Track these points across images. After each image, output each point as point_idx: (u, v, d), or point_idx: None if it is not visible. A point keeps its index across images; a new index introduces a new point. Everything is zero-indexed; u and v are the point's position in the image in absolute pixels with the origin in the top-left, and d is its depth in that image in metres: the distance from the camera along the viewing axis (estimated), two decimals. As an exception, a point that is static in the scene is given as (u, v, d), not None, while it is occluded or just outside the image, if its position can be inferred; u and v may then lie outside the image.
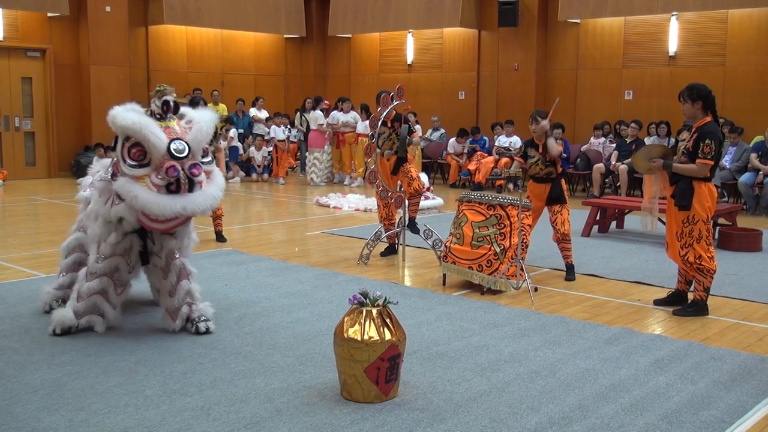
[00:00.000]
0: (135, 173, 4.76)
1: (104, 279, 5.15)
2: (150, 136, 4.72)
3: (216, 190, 5.01)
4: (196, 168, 4.82)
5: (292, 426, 3.77)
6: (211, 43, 17.71)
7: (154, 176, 4.74)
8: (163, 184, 4.73)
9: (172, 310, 5.26)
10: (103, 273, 5.14)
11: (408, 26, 17.19)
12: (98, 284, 5.14)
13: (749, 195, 11.56)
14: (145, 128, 4.72)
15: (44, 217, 11.07)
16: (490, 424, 3.83)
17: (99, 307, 5.20)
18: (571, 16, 15.10)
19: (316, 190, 14.10)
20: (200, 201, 4.85)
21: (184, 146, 4.81)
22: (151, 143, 4.72)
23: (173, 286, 5.26)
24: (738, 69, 13.66)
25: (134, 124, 4.72)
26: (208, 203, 4.91)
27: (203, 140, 4.98)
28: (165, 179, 4.72)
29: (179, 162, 4.77)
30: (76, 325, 5.16)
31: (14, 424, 3.78)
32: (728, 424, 3.90)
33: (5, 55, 14.93)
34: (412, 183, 7.90)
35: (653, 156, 5.97)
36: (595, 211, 9.65)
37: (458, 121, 16.35)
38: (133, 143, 4.78)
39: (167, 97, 4.96)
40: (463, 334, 5.31)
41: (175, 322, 5.25)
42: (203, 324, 5.25)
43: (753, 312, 6.11)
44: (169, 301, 5.27)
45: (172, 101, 4.97)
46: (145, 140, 4.73)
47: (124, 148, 4.80)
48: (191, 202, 4.80)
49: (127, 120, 4.73)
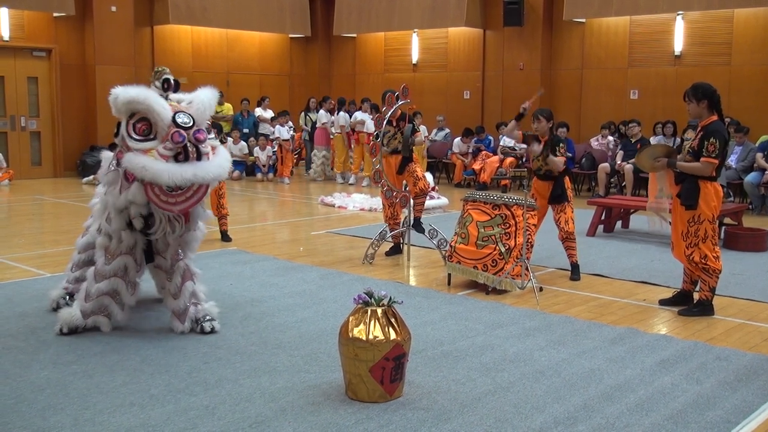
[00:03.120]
0: (142, 147, 4.73)
1: (114, 280, 5.14)
2: (155, 105, 4.73)
3: (223, 160, 4.98)
4: (200, 133, 4.79)
5: (297, 425, 3.77)
6: (216, 42, 17.73)
7: (161, 147, 4.72)
8: (171, 155, 4.71)
9: (179, 312, 5.26)
10: (113, 274, 5.13)
11: (413, 26, 17.18)
12: (107, 285, 5.14)
13: (755, 195, 11.52)
14: (149, 98, 4.74)
15: (50, 216, 11.10)
16: (495, 423, 3.83)
17: (107, 308, 5.19)
18: (576, 16, 15.08)
19: (320, 190, 14.10)
20: (210, 168, 4.82)
21: (189, 118, 4.81)
22: (156, 112, 4.72)
23: (178, 287, 5.26)
24: (743, 68, 13.62)
25: (139, 95, 4.75)
26: (218, 171, 4.88)
27: (206, 111, 4.97)
28: (172, 148, 4.70)
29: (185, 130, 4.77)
30: (83, 324, 5.17)
31: (20, 422, 3.79)
32: (734, 424, 3.89)
33: (11, 55, 14.96)
34: (418, 183, 7.90)
35: (657, 155, 5.96)
36: (601, 210, 9.63)
37: (463, 120, 16.34)
38: (138, 118, 4.78)
39: (166, 75, 5.00)
40: (468, 334, 5.31)
41: (183, 324, 5.25)
42: (208, 323, 5.25)
43: (759, 312, 6.09)
44: (175, 303, 5.27)
45: (172, 79, 5.01)
46: (151, 110, 4.72)
47: (129, 125, 4.80)
48: (201, 169, 4.76)
49: (131, 92, 4.77)
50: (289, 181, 15.47)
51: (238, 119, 16.47)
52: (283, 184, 15.20)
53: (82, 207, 11.65)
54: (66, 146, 15.67)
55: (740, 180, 11.77)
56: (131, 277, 5.24)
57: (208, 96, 5.06)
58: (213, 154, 4.94)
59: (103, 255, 5.17)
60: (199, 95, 5.05)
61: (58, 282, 6.09)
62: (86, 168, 15.26)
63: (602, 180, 13.15)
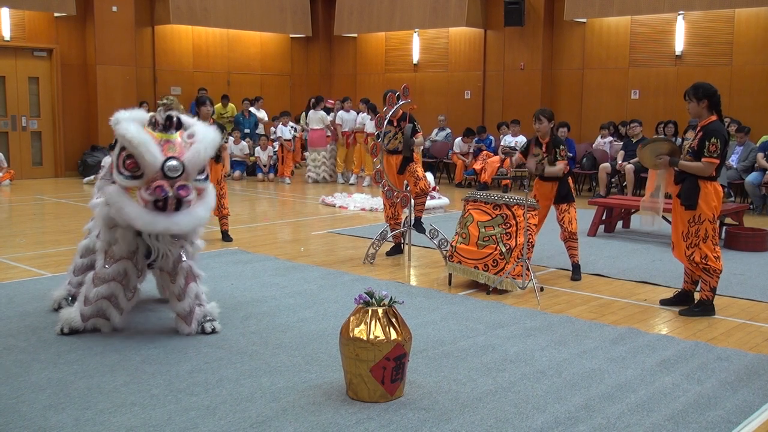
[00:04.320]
0: (126, 184, 4.80)
1: (113, 284, 5.13)
2: (146, 154, 4.74)
3: (203, 210, 5.02)
4: (184, 189, 4.83)
5: (298, 425, 3.77)
6: (217, 42, 17.74)
7: (144, 191, 4.77)
8: (152, 200, 4.76)
9: (185, 314, 5.26)
10: (112, 278, 5.13)
11: (414, 26, 17.18)
12: (106, 289, 5.13)
13: (756, 195, 11.52)
14: (141, 146, 4.73)
15: (51, 216, 11.10)
16: (495, 423, 3.83)
17: (105, 312, 5.18)
18: (577, 16, 15.07)
19: (322, 190, 14.11)
20: (184, 222, 4.88)
21: (179, 166, 4.81)
22: (145, 161, 4.75)
23: (182, 289, 5.25)
24: (745, 68, 13.62)
25: (133, 139, 4.74)
26: (192, 224, 4.96)
27: (200, 163, 4.97)
28: (153, 196, 4.75)
29: (170, 181, 4.78)
30: (82, 327, 5.17)
31: (21, 422, 3.79)
32: (735, 424, 3.89)
33: (12, 55, 14.97)
34: (418, 182, 7.91)
35: (661, 153, 5.94)
36: (601, 210, 9.63)
37: (464, 120, 16.34)
38: (129, 154, 4.81)
39: (172, 112, 4.96)
40: (469, 334, 5.31)
41: (190, 326, 5.24)
42: (209, 324, 5.26)
43: (760, 312, 6.09)
44: (179, 306, 5.26)
45: (176, 117, 4.97)
46: (140, 157, 4.75)
47: (120, 157, 4.83)
48: (174, 223, 4.84)
49: (127, 133, 4.76)
50: (290, 181, 15.47)
51: (239, 119, 16.47)
52: (284, 184, 15.21)
53: (83, 207, 11.65)
54: (67, 146, 15.68)
55: (741, 180, 11.77)
56: (131, 282, 5.23)
57: (207, 145, 5.01)
58: (198, 199, 4.95)
59: (103, 258, 5.17)
60: (201, 139, 4.99)
61: (59, 282, 6.10)
62: (87, 168, 15.27)
63: (603, 180, 13.14)
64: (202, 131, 5.04)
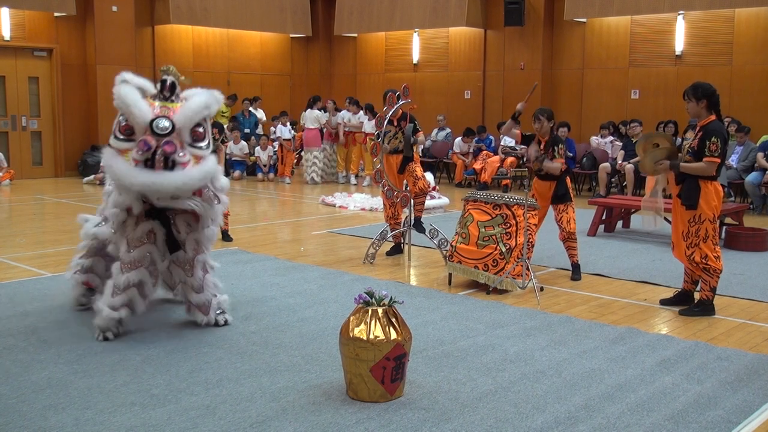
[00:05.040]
0: (119, 146, 4.83)
1: (141, 270, 5.09)
2: (133, 109, 4.76)
3: (197, 172, 4.86)
4: (169, 145, 4.74)
5: (298, 425, 3.78)
6: (217, 42, 17.74)
7: (134, 151, 4.75)
8: (142, 160, 4.72)
9: (202, 304, 5.29)
10: (139, 262, 5.07)
11: (414, 26, 17.18)
12: (136, 275, 5.07)
13: (756, 194, 11.52)
14: (131, 103, 4.75)
15: (51, 216, 11.10)
16: (495, 423, 3.83)
17: (132, 301, 5.13)
18: (577, 16, 15.07)
19: (321, 190, 14.11)
20: (171, 178, 4.75)
21: (168, 124, 4.78)
22: (133, 116, 4.76)
23: (200, 280, 5.26)
24: (745, 68, 13.62)
25: (122, 97, 4.78)
26: (179, 181, 4.78)
27: (190, 117, 4.89)
28: (143, 155, 4.71)
29: (158, 138, 4.74)
30: (118, 317, 5.05)
31: (21, 422, 3.79)
32: (735, 424, 3.89)
33: (12, 55, 14.97)
34: (418, 182, 7.91)
35: (659, 158, 5.94)
36: (601, 210, 9.63)
37: (464, 120, 16.34)
38: (125, 118, 4.85)
39: (166, 77, 4.98)
40: (469, 334, 5.31)
41: (208, 315, 5.29)
42: (221, 317, 5.33)
43: (760, 312, 6.09)
44: (198, 297, 5.28)
45: (170, 81, 4.98)
46: (129, 114, 4.77)
47: (117, 122, 4.88)
48: (160, 178, 4.72)
49: (120, 93, 4.80)
50: (290, 180, 15.47)
51: (239, 119, 16.47)
52: (284, 184, 15.21)
53: (83, 207, 11.64)
54: (67, 146, 15.68)
55: (741, 180, 11.77)
56: (156, 268, 5.20)
57: (200, 99, 4.99)
58: (193, 164, 4.87)
59: (126, 244, 5.11)
60: (192, 95, 5.02)
61: (63, 282, 6.09)
62: (87, 168, 15.28)
63: (603, 180, 13.14)
64: (190, 93, 5.05)
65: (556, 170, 6.93)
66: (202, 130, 5.00)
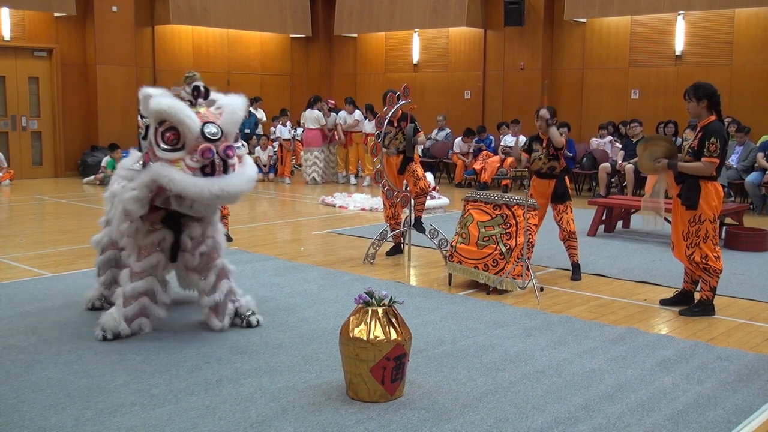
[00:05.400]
0: (169, 157, 4.70)
1: (149, 278, 5.07)
2: (185, 119, 4.68)
3: (251, 171, 4.95)
4: (230, 149, 4.78)
5: (298, 425, 3.77)
6: (217, 42, 17.74)
7: (189, 159, 4.69)
8: (198, 167, 4.68)
9: (216, 309, 5.27)
10: (147, 272, 5.05)
11: (414, 26, 17.19)
12: (144, 284, 5.06)
13: (756, 195, 11.53)
14: (180, 111, 4.69)
15: (51, 216, 11.10)
16: (495, 423, 3.83)
17: (146, 309, 5.12)
18: (577, 16, 15.07)
19: (321, 190, 14.11)
20: (237, 182, 4.78)
21: (217, 129, 4.78)
22: (185, 125, 4.68)
23: (212, 284, 5.24)
24: (745, 68, 13.62)
25: (170, 107, 4.69)
26: (245, 185, 4.85)
27: (235, 123, 4.93)
28: (200, 161, 4.67)
29: (213, 144, 4.73)
30: (128, 332, 5.06)
31: (21, 422, 3.79)
32: (735, 424, 3.89)
33: (12, 55, 14.98)
34: (418, 182, 7.91)
35: (658, 156, 5.95)
36: (601, 210, 9.63)
37: (464, 120, 16.35)
38: (167, 127, 4.74)
39: (197, 83, 4.95)
40: (469, 334, 5.31)
41: (222, 321, 5.26)
42: (254, 318, 5.35)
43: (760, 312, 6.09)
44: (209, 300, 5.26)
45: (203, 87, 4.96)
46: (180, 123, 4.69)
47: (158, 133, 4.76)
48: (229, 183, 4.73)
49: (162, 104, 4.71)
50: (290, 180, 15.47)
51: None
52: (283, 184, 15.21)
53: (83, 207, 11.65)
54: (67, 146, 15.68)
55: (741, 180, 11.77)
56: (163, 275, 5.20)
57: (238, 104, 5.01)
58: (240, 165, 4.90)
59: (135, 253, 5.08)
60: (229, 103, 4.99)
61: (63, 282, 6.08)
62: (87, 168, 15.28)
63: (603, 180, 13.14)
64: (228, 100, 5.03)
65: (559, 139, 6.88)
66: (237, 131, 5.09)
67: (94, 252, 5.79)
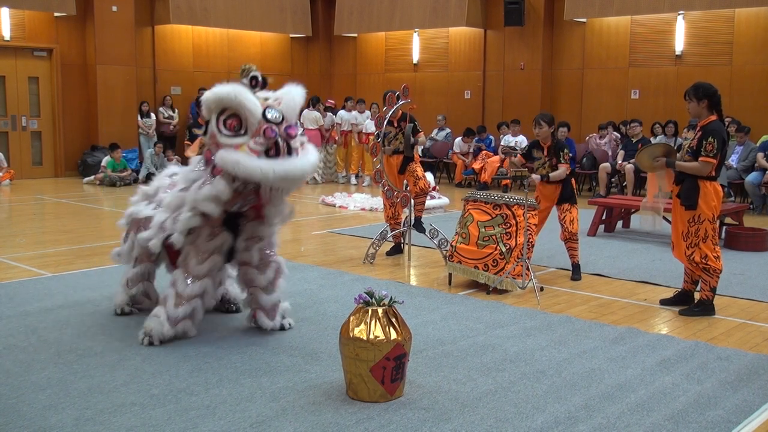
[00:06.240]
0: (233, 142, 4.67)
1: (206, 280, 5.05)
2: (246, 101, 4.68)
3: (312, 156, 4.90)
4: (291, 128, 4.75)
5: (298, 425, 3.77)
6: (217, 42, 17.74)
7: (252, 142, 4.66)
8: (262, 149, 4.65)
9: (270, 308, 5.25)
10: (207, 274, 5.03)
11: (414, 26, 17.18)
12: (200, 286, 5.02)
13: (756, 194, 11.53)
14: (240, 95, 4.69)
15: (51, 216, 11.10)
16: (495, 423, 3.83)
17: (196, 312, 5.08)
18: (577, 16, 15.07)
19: (321, 189, 14.11)
20: (300, 164, 4.73)
21: (278, 113, 4.76)
22: (247, 109, 4.67)
23: (270, 281, 5.22)
24: (745, 68, 13.62)
25: (230, 92, 4.70)
26: (308, 167, 4.81)
27: (295, 108, 4.92)
28: (263, 143, 4.64)
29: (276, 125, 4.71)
30: (173, 334, 5.01)
31: (21, 422, 3.79)
32: (735, 424, 3.89)
33: (12, 55, 14.97)
34: (418, 182, 7.91)
35: (657, 155, 5.96)
36: (601, 210, 9.63)
37: (464, 120, 16.35)
38: (228, 115, 4.73)
39: (254, 72, 4.94)
40: (469, 334, 5.31)
41: (273, 320, 5.26)
42: (286, 321, 5.34)
43: (760, 312, 6.09)
44: (267, 299, 5.24)
45: (260, 76, 4.96)
46: (242, 106, 4.67)
47: (219, 122, 4.74)
48: (293, 165, 4.70)
49: (224, 90, 4.72)
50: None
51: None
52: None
53: (83, 207, 11.66)
54: (67, 146, 15.68)
55: (741, 180, 11.78)
56: (219, 276, 5.20)
57: (297, 92, 5.00)
58: (302, 150, 4.86)
59: (196, 258, 5.02)
60: (288, 91, 4.99)
61: (63, 282, 6.06)
62: (87, 168, 15.27)
63: (603, 180, 13.15)
64: (285, 91, 5.01)
65: (562, 176, 6.95)
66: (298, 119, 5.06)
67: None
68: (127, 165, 14.89)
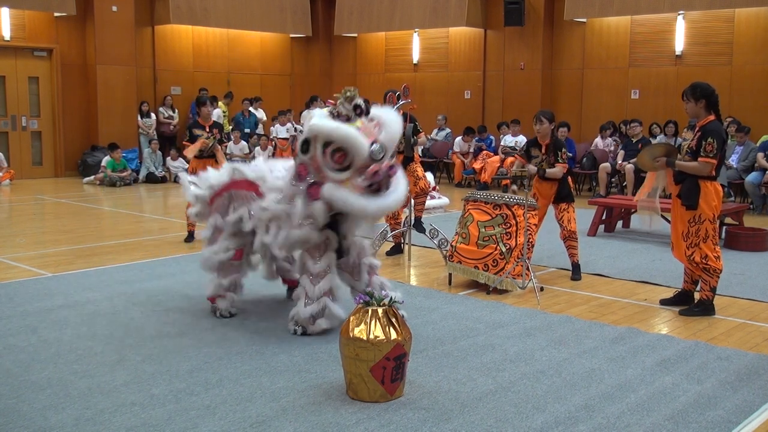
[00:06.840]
0: (339, 177, 4.91)
1: (330, 276, 5.23)
2: (357, 143, 4.86)
3: (402, 187, 5.13)
4: (393, 169, 4.96)
5: (298, 425, 3.78)
6: (217, 42, 17.73)
7: (358, 179, 4.87)
8: (365, 186, 4.87)
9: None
10: (326, 271, 5.20)
11: (414, 26, 17.18)
12: (326, 284, 5.20)
13: (756, 194, 11.53)
14: (350, 137, 4.86)
15: (51, 216, 11.10)
16: (495, 423, 3.83)
17: (325, 309, 5.21)
18: (577, 16, 15.07)
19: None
20: (392, 201, 5.00)
21: (380, 148, 4.93)
22: (357, 149, 4.85)
23: (367, 283, 5.36)
24: (745, 68, 13.62)
25: (340, 130, 4.89)
26: (401, 200, 5.11)
27: (394, 140, 5.10)
28: (368, 181, 4.85)
29: (380, 164, 4.89)
30: (313, 331, 5.20)
31: (21, 422, 3.79)
32: (735, 424, 3.89)
33: (12, 55, 14.97)
34: (418, 182, 7.91)
35: (657, 155, 5.96)
36: (601, 210, 9.63)
37: (464, 120, 16.35)
38: (336, 149, 4.90)
39: (358, 100, 5.04)
40: (469, 334, 5.31)
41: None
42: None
43: (760, 312, 6.09)
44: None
45: (364, 104, 5.08)
46: (353, 146, 4.86)
47: (326, 154, 4.93)
48: (388, 202, 4.98)
49: (336, 129, 4.91)
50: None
51: (239, 119, 16.47)
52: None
53: (83, 207, 11.66)
54: (67, 146, 15.68)
55: (741, 180, 11.78)
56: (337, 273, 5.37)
57: (396, 122, 5.15)
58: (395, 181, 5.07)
59: (310, 258, 5.21)
60: (388, 120, 5.11)
61: (63, 282, 6.04)
62: (87, 168, 15.28)
63: (603, 180, 13.15)
64: (383, 115, 5.16)
65: (559, 175, 6.95)
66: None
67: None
68: (127, 165, 14.90)
